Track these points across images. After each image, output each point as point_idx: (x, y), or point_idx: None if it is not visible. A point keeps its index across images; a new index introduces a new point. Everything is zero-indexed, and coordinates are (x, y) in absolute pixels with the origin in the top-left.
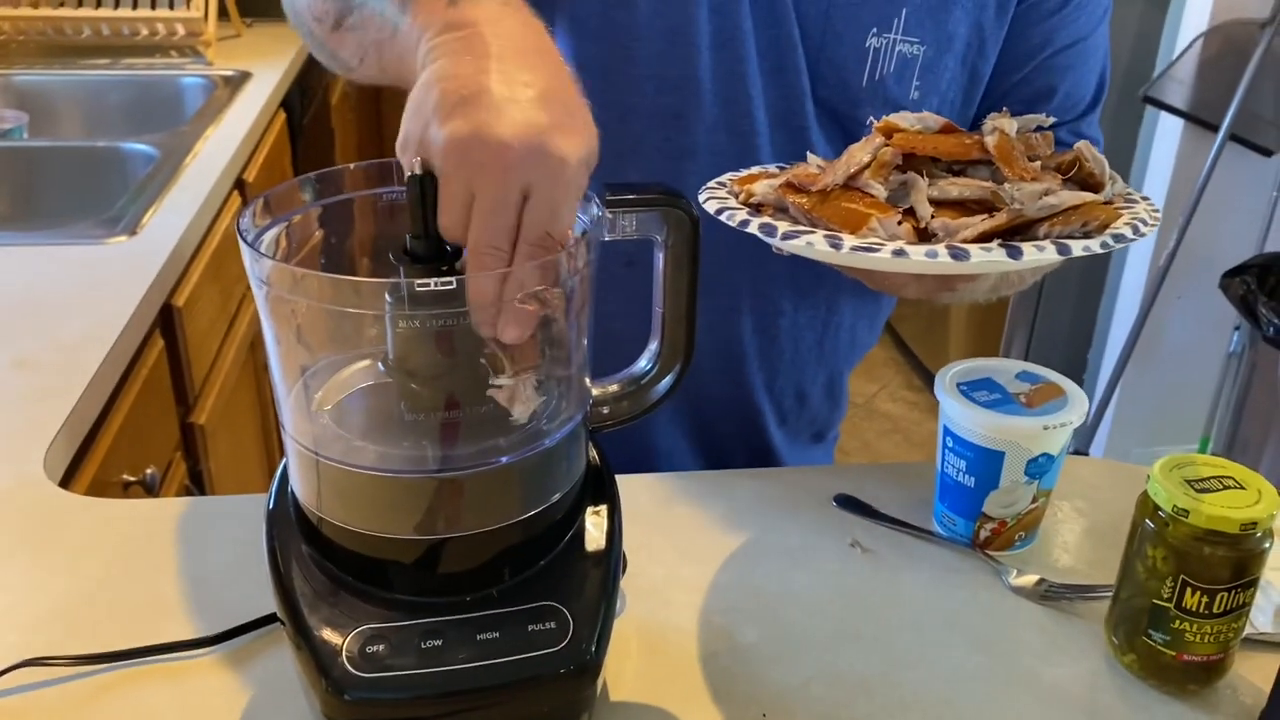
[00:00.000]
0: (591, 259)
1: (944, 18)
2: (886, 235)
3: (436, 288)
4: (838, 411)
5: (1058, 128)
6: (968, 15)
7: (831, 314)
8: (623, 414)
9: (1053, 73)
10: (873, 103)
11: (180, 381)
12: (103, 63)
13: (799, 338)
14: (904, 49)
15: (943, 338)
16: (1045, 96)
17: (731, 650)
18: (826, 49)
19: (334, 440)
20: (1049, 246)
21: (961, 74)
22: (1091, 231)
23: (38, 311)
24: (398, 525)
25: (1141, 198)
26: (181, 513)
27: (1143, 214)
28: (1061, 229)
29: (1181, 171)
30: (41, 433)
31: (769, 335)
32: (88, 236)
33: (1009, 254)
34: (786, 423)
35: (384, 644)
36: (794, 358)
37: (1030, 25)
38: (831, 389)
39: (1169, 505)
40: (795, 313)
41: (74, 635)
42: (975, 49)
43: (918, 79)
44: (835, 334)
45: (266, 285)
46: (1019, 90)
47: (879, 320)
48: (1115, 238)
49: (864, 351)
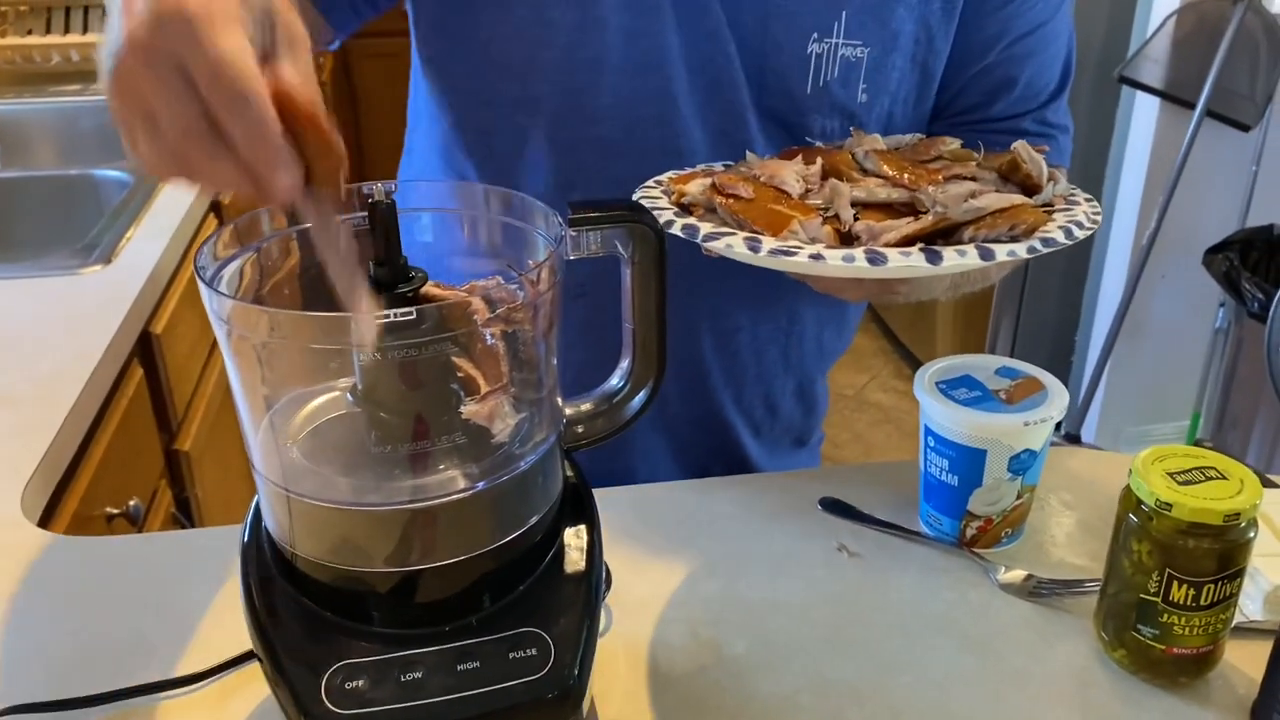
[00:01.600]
0: (558, 279)
1: (886, 16)
2: (808, 238)
3: (397, 319)
4: (814, 416)
5: (1022, 118)
6: (911, 12)
7: (793, 324)
8: (598, 432)
9: (1012, 62)
10: (820, 109)
11: (162, 409)
12: (73, 89)
13: (761, 351)
14: (846, 52)
15: (930, 325)
16: (1006, 87)
17: (720, 663)
18: (768, 59)
19: (304, 475)
20: (970, 251)
21: (912, 72)
22: (1019, 235)
23: (12, 346)
24: (372, 558)
25: (1085, 199)
26: (162, 548)
27: (1080, 216)
28: (988, 232)
29: (1160, 150)
30: (17, 472)
31: (729, 351)
32: (62, 267)
33: (928, 259)
34: (761, 434)
35: (363, 678)
36: (758, 372)
37: (984, 16)
38: (804, 396)
39: (1152, 499)
40: (754, 326)
41: (55, 680)
42: (924, 45)
43: (864, 81)
44: (800, 344)
45: (226, 323)
46: (978, 82)
47: (847, 324)
48: (1044, 241)
49: (835, 357)
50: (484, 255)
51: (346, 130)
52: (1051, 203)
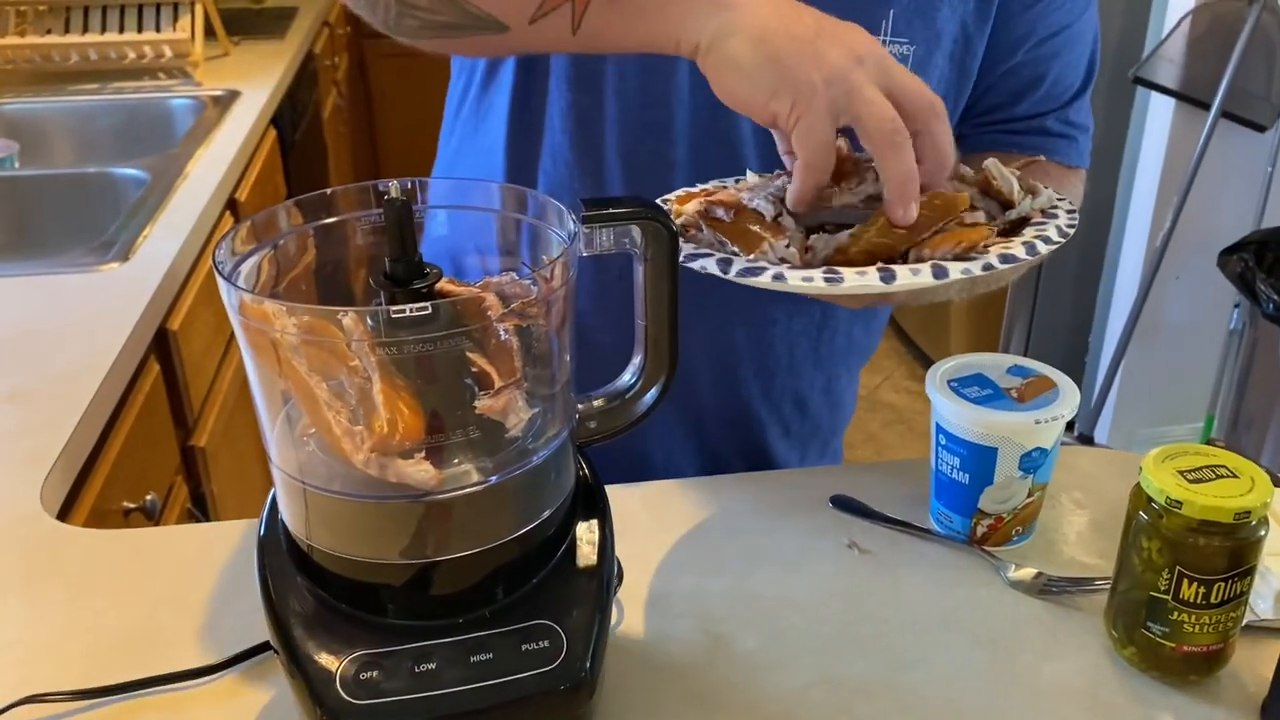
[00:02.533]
0: (571, 275)
1: (932, 15)
2: (775, 257)
3: (413, 313)
4: (839, 416)
5: (1046, 117)
6: (954, 12)
7: (826, 319)
8: (609, 428)
9: (1039, 62)
10: None
11: (179, 405)
12: (91, 88)
13: (794, 345)
14: (893, 50)
15: (943, 326)
16: (1032, 86)
17: (730, 658)
18: None
19: (319, 468)
20: (924, 270)
21: (951, 71)
22: (961, 254)
23: (31, 343)
24: (387, 550)
25: (1066, 210)
26: (179, 540)
27: (1050, 230)
28: (932, 252)
29: (1175, 151)
30: (37, 465)
31: (763, 344)
32: (80, 264)
33: (882, 278)
34: (790, 433)
35: (377, 669)
36: (790, 364)
37: (1013, 16)
38: (830, 393)
39: (1162, 497)
40: (789, 320)
41: (73, 669)
42: (963, 45)
43: None
44: (831, 338)
45: (243, 316)
46: (1006, 81)
47: (876, 322)
48: (1004, 257)
49: (864, 354)
50: (499, 252)
51: (362, 128)
52: (1028, 216)
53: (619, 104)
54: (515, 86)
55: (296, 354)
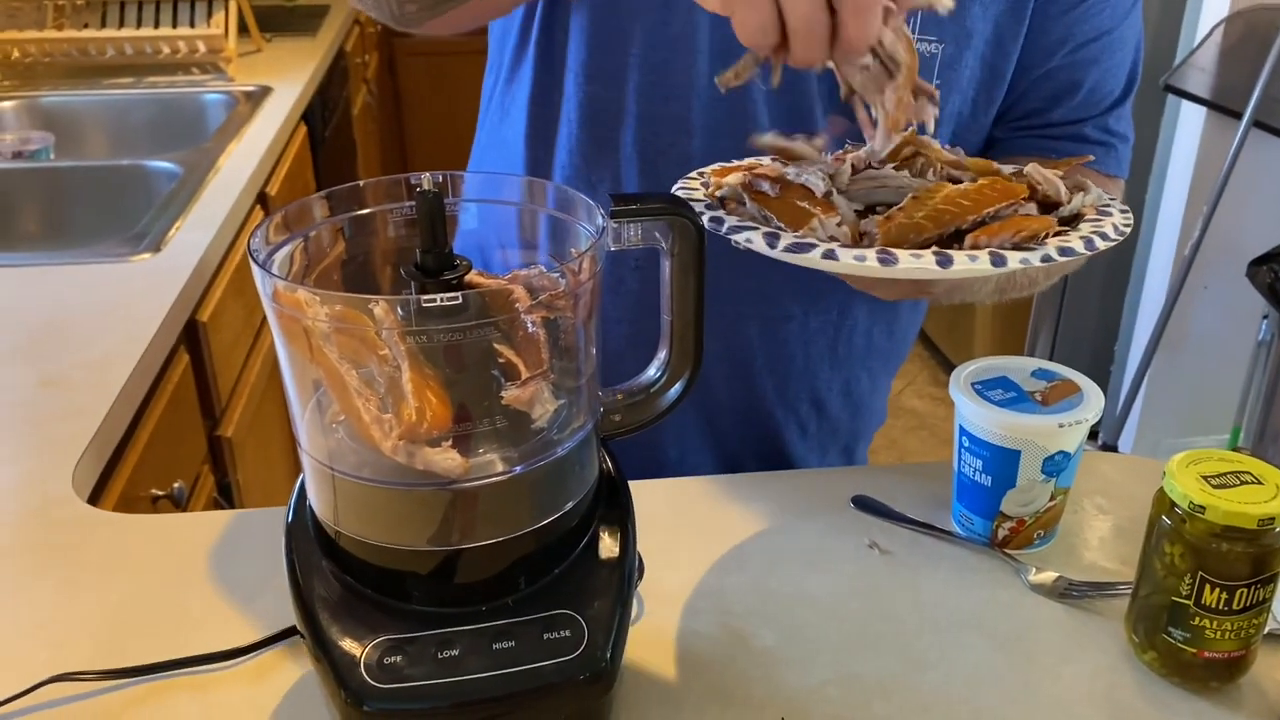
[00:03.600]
0: (599, 269)
1: (962, 15)
2: (825, 235)
3: (444, 303)
4: (861, 420)
5: (1084, 123)
6: (986, 11)
7: (844, 318)
8: (633, 422)
9: (1076, 68)
10: None
11: (207, 395)
12: (126, 82)
13: (810, 342)
14: (922, 47)
15: (968, 333)
16: (1069, 92)
17: (749, 654)
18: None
19: (348, 454)
20: (982, 256)
21: (982, 71)
22: (1021, 243)
23: (64, 330)
24: (413, 537)
25: (1120, 209)
26: (208, 527)
27: (1108, 227)
28: (990, 239)
29: (1205, 160)
30: (69, 450)
31: (777, 339)
32: (113, 255)
33: (939, 262)
34: (808, 434)
35: (401, 655)
36: (805, 363)
37: (1050, 19)
38: (850, 395)
39: (1185, 502)
40: (805, 317)
41: (102, 650)
42: (994, 46)
43: (938, 77)
44: (849, 338)
45: (276, 303)
46: (1041, 86)
47: (899, 327)
48: (1062, 250)
49: (887, 359)
50: (528, 246)
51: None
52: (1080, 213)
53: (637, 97)
54: (535, 81)
55: (328, 342)
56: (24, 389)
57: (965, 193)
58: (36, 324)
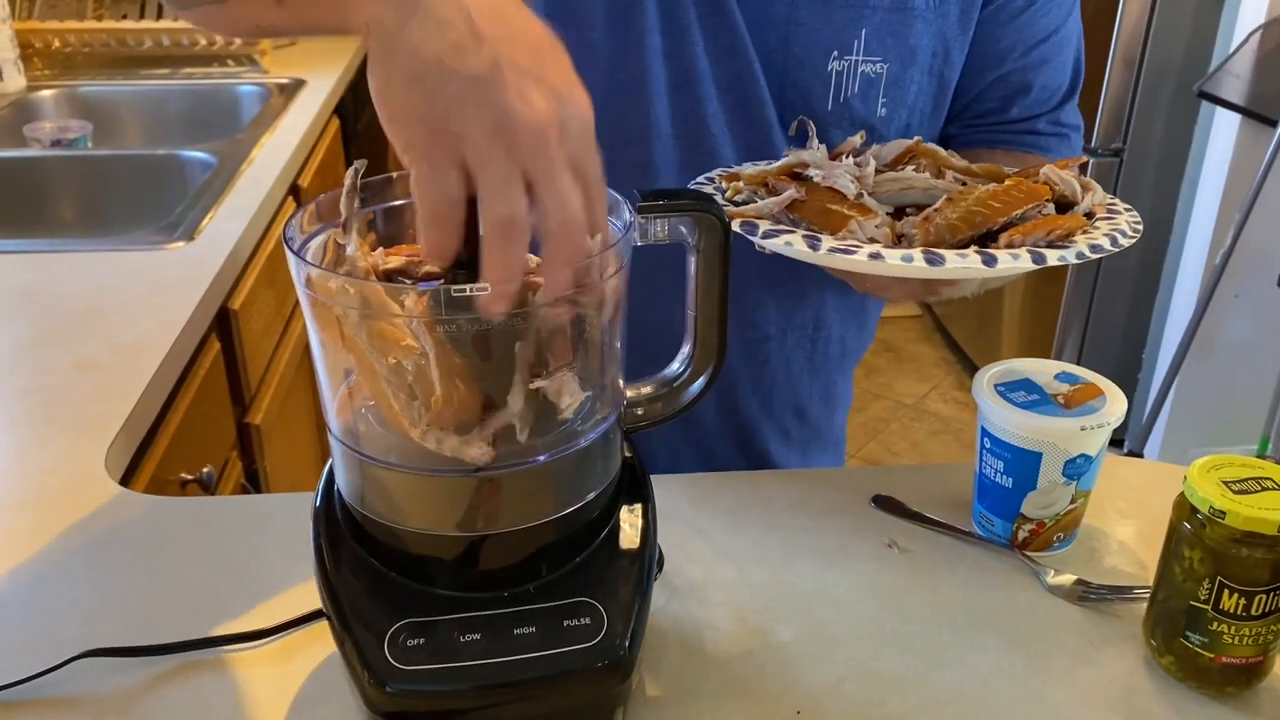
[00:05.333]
0: (624, 263)
1: (905, 33)
2: (865, 237)
3: (473, 293)
4: (839, 413)
5: (1037, 119)
6: (929, 27)
7: (819, 329)
8: (656, 415)
9: (1027, 69)
10: (840, 124)
11: (236, 383)
12: (162, 73)
13: (789, 358)
14: (866, 69)
15: (995, 338)
16: (1021, 92)
17: (766, 648)
18: (789, 75)
19: (377, 440)
20: (1023, 255)
21: (929, 84)
22: (1056, 241)
23: (100, 315)
24: (438, 522)
25: (1125, 208)
26: (237, 510)
27: (1123, 225)
28: (1023, 238)
29: (1239, 167)
30: (103, 432)
31: (758, 360)
32: (147, 243)
33: (984, 261)
34: (790, 439)
35: (424, 638)
36: (787, 378)
37: (1000, 26)
38: (829, 397)
39: (1205, 506)
40: (783, 335)
41: (132, 627)
42: (941, 58)
43: (884, 95)
44: (825, 348)
45: (310, 290)
46: (994, 89)
47: (867, 323)
48: (1093, 247)
49: (858, 355)
50: None
51: None
52: (1092, 211)
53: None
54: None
55: (359, 329)
56: (60, 372)
57: (995, 194)
58: (73, 309)
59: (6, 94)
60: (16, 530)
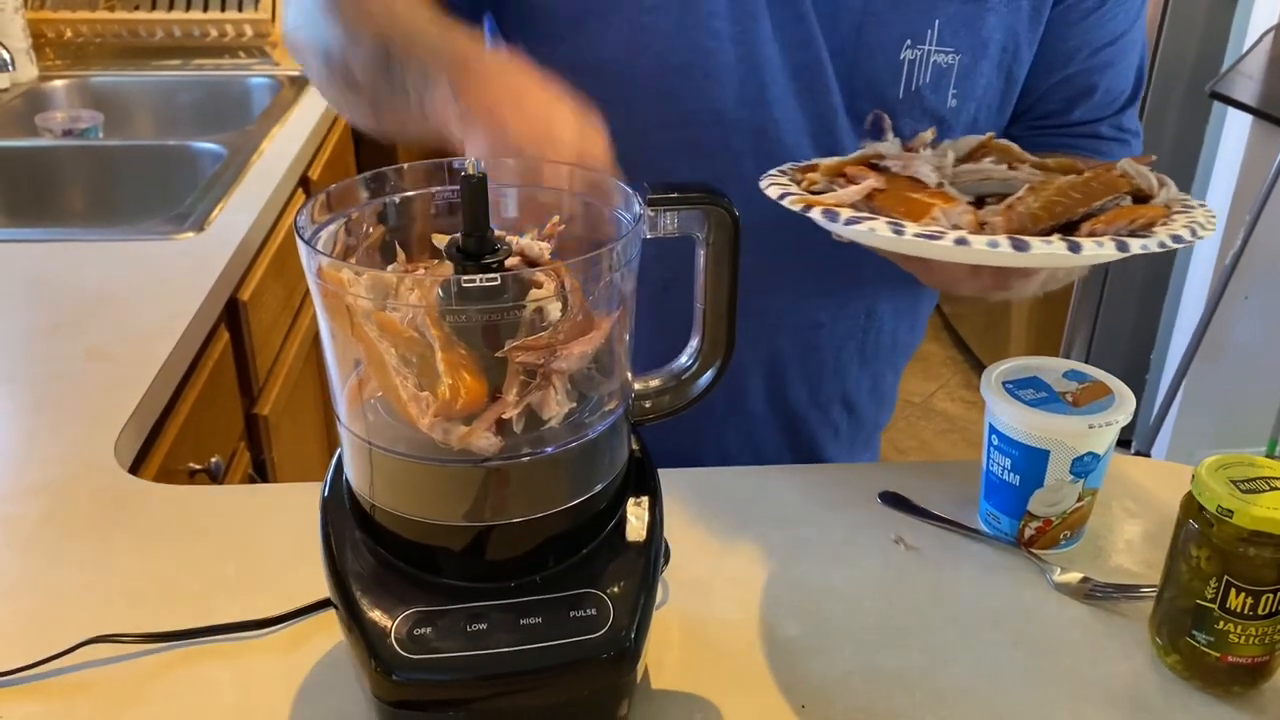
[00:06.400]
0: (634, 254)
1: (978, 25)
2: (948, 225)
3: (483, 284)
4: (884, 412)
5: (1099, 123)
6: (1001, 21)
7: (871, 320)
8: (664, 408)
9: (1093, 71)
10: (910, 113)
11: (245, 374)
12: (174, 64)
13: (840, 347)
14: (939, 59)
15: (1003, 337)
16: (1086, 94)
17: (772, 643)
18: (860, 64)
19: (385, 429)
20: (1108, 243)
21: (998, 78)
22: (1138, 230)
23: (110, 304)
24: (446, 512)
25: (1199, 204)
26: (244, 499)
27: (1200, 219)
28: (1105, 227)
29: (1249, 168)
30: (112, 421)
31: (809, 347)
32: (157, 233)
33: (1069, 248)
34: (839, 435)
35: (431, 627)
36: (836, 367)
37: (1068, 26)
38: (876, 391)
39: (1213, 505)
40: (834, 323)
41: (140, 614)
42: (1011, 53)
43: (954, 87)
44: (876, 338)
45: (320, 280)
46: (1059, 90)
47: (919, 318)
48: (1174, 238)
49: (908, 351)
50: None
51: None
52: (1168, 205)
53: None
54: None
55: (368, 319)
56: (70, 360)
57: (1075, 185)
58: (83, 298)
59: (18, 84)
60: (25, 516)
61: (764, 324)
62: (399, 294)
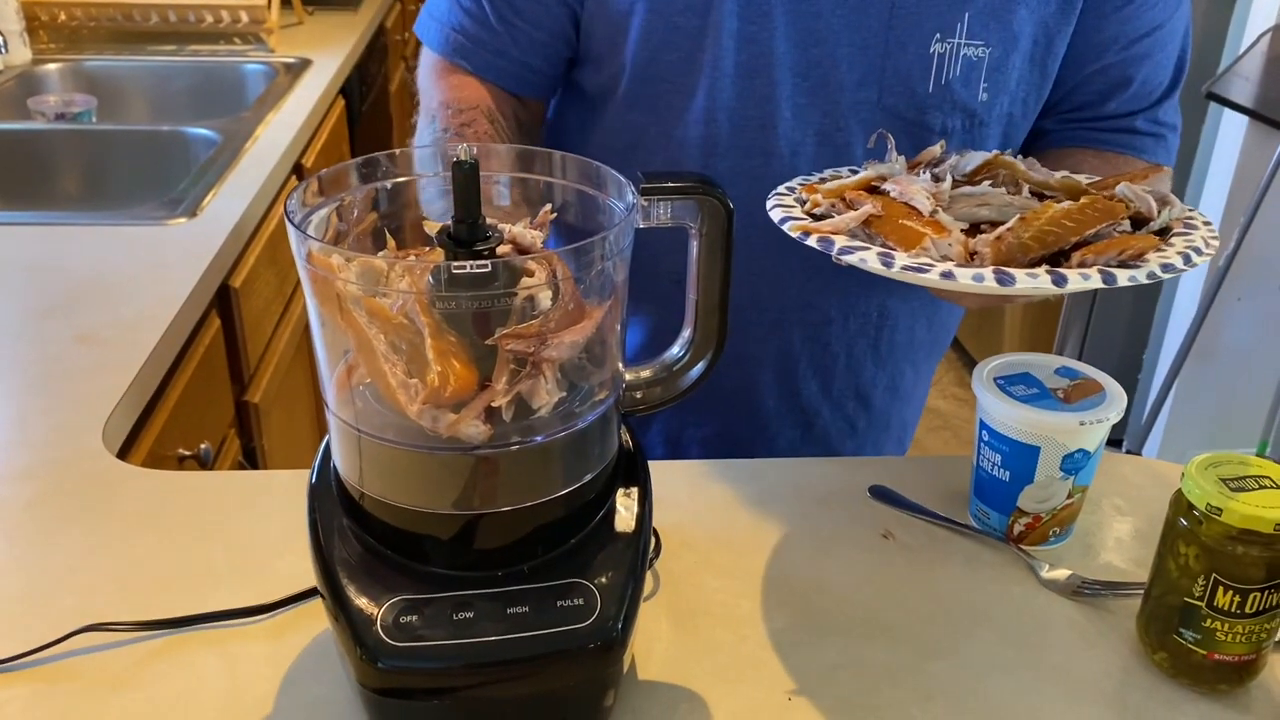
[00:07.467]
0: (626, 244)
1: (1008, 18)
2: (939, 255)
3: (473, 270)
4: (911, 409)
5: (1135, 116)
6: (1032, 14)
7: (884, 318)
8: (654, 399)
9: (1129, 63)
10: (941, 107)
11: (236, 360)
12: (169, 49)
13: (851, 343)
14: (969, 52)
15: (996, 335)
16: (1121, 86)
17: (760, 635)
18: (890, 58)
19: (374, 416)
20: (1094, 275)
21: (1030, 72)
22: (1127, 260)
23: (102, 289)
24: (434, 500)
25: (1203, 221)
26: (233, 485)
27: (1199, 241)
28: (1095, 257)
29: (1244, 170)
30: (101, 405)
31: (820, 342)
32: (150, 218)
33: (1054, 281)
34: (857, 431)
35: (417, 615)
36: (848, 363)
37: (1102, 18)
38: (896, 389)
39: (1202, 503)
40: (845, 320)
41: (128, 601)
42: (1043, 46)
43: (985, 81)
44: (891, 336)
45: (310, 265)
46: (1093, 81)
47: (939, 317)
48: (1164, 267)
49: (931, 350)
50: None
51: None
52: (1169, 226)
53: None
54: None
55: (358, 305)
56: (60, 344)
57: (1069, 213)
58: (74, 282)
59: (12, 66)
60: (13, 500)
61: (772, 319)
62: (389, 280)
